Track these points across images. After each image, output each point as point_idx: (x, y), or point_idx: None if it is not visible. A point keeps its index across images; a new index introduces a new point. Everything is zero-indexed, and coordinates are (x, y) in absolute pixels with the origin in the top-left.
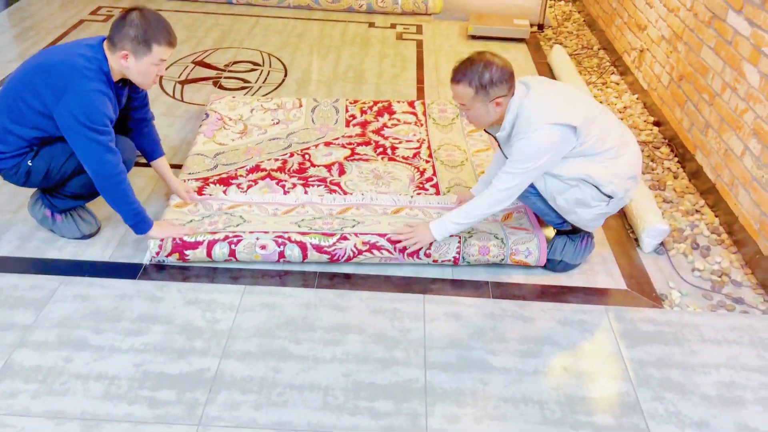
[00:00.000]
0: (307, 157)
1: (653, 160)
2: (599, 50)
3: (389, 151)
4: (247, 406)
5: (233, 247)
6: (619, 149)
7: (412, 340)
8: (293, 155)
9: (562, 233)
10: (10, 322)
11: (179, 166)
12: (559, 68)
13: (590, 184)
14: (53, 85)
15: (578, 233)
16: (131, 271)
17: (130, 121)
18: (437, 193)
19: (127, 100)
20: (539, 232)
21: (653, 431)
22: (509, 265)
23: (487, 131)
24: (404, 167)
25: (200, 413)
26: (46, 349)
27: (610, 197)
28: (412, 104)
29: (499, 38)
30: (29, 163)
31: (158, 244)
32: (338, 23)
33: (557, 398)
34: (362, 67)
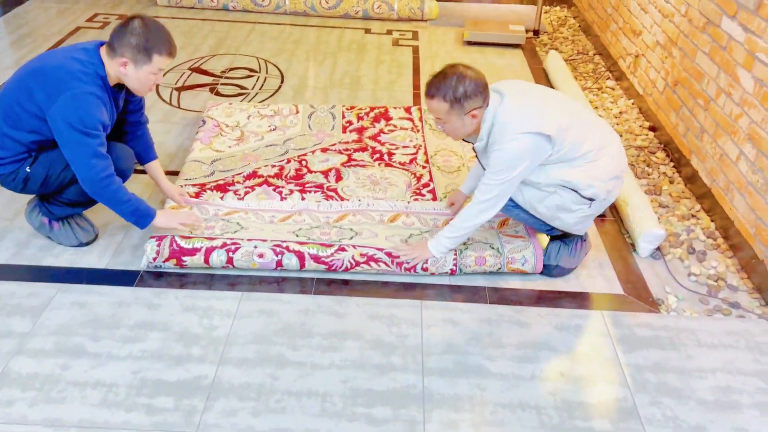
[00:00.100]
0: (304, 163)
1: (649, 165)
2: (594, 55)
3: (386, 157)
4: (244, 412)
5: (231, 255)
6: (598, 152)
7: (409, 346)
8: (290, 161)
9: (555, 238)
10: (7, 329)
11: (176, 172)
12: (554, 74)
13: (569, 189)
14: (47, 87)
15: (571, 237)
16: (128, 278)
17: (125, 124)
18: (434, 198)
19: (123, 103)
20: (534, 239)
21: None
22: (506, 272)
23: (465, 140)
24: (401, 173)
25: (198, 420)
26: (43, 356)
27: (591, 200)
28: (408, 110)
29: (494, 44)
30: (27, 169)
31: (155, 249)
32: (334, 29)
33: (554, 404)
34: (358, 73)
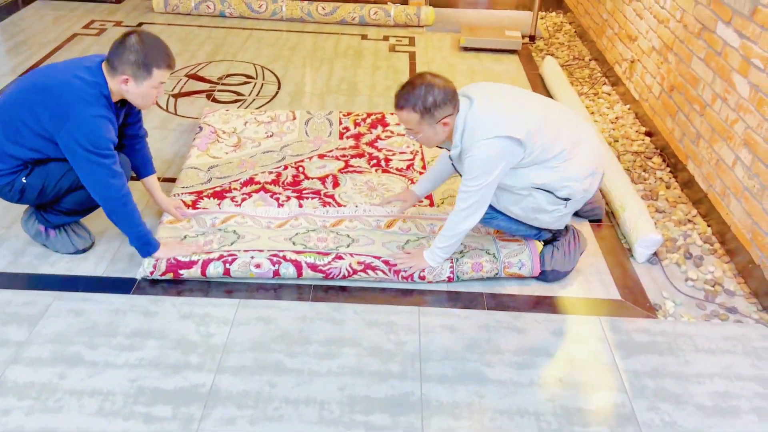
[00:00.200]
0: (301, 169)
1: (645, 170)
2: (590, 61)
3: (383, 163)
4: (242, 421)
5: (228, 266)
6: (571, 150)
7: (407, 352)
8: (287, 168)
9: (546, 243)
10: (3, 338)
11: (173, 179)
12: (550, 79)
13: (543, 190)
14: (53, 108)
15: (560, 238)
16: (125, 285)
17: (123, 137)
18: (431, 204)
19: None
20: (530, 242)
21: None
22: (504, 277)
23: (440, 147)
24: (398, 179)
25: (196, 429)
26: (39, 365)
27: (567, 200)
28: None
29: (491, 50)
30: (23, 180)
31: (152, 263)
32: (331, 35)
33: (553, 410)
34: (355, 79)
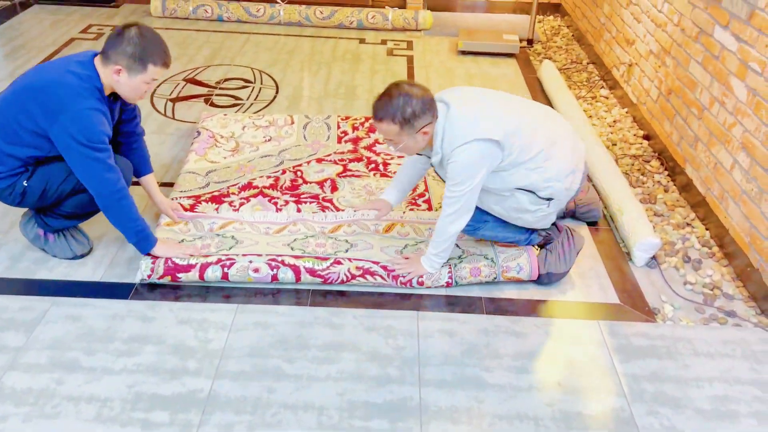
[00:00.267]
0: (299, 173)
1: (643, 173)
2: (588, 65)
3: (381, 167)
4: (241, 426)
5: (226, 270)
6: (549, 150)
7: (406, 357)
8: (285, 172)
9: (540, 247)
10: (0, 344)
11: (171, 184)
12: (548, 83)
13: (526, 191)
14: (46, 104)
15: (553, 240)
16: (123, 291)
17: (119, 135)
18: (429, 208)
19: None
20: (527, 246)
21: None
22: (502, 281)
23: (420, 153)
24: None
25: None
26: (37, 371)
27: (549, 199)
28: None
29: (489, 53)
30: (24, 183)
31: (150, 266)
32: (329, 39)
33: (552, 414)
34: (353, 83)
